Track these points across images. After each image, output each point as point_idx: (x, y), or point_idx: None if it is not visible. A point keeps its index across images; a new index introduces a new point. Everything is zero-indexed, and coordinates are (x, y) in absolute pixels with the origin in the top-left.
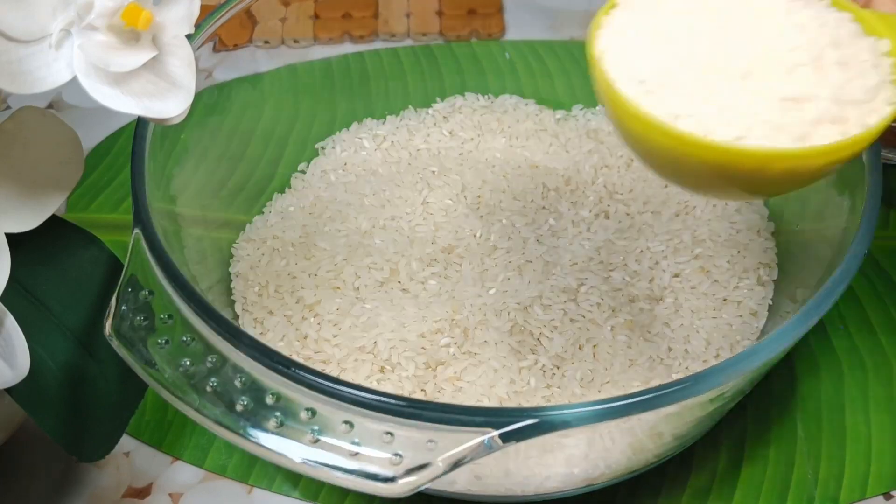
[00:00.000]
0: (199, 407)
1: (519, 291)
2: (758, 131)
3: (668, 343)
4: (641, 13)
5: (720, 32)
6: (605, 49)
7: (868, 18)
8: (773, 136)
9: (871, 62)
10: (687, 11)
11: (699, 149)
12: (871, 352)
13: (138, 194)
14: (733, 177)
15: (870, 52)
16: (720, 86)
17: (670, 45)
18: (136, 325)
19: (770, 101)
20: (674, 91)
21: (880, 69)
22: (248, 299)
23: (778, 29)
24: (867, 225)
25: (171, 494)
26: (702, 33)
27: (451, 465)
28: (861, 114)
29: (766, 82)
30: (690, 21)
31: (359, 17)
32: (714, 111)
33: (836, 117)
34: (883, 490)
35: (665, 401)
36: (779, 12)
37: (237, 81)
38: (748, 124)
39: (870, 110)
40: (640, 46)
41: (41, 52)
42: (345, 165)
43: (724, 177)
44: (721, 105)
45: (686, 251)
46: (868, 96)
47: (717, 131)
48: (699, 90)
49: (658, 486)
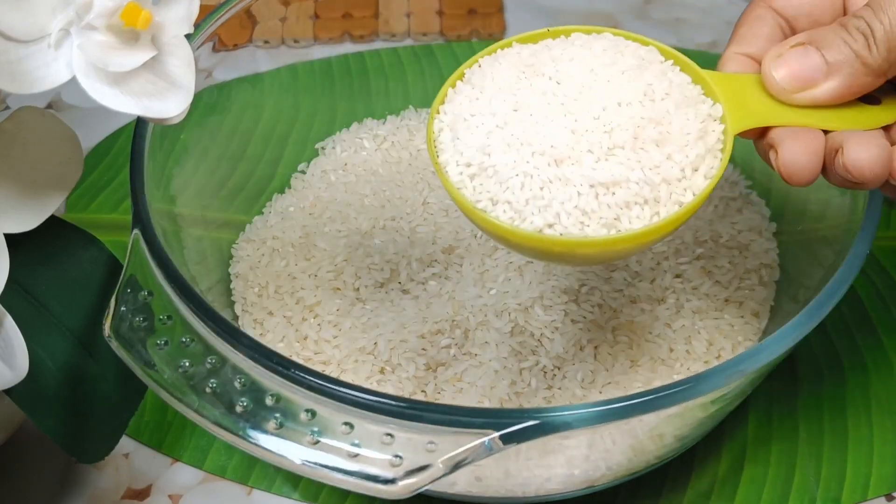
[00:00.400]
0: (198, 408)
1: (520, 292)
2: (567, 219)
3: (670, 344)
4: (476, 89)
5: (542, 112)
6: (441, 129)
7: (707, 80)
8: (582, 223)
9: (697, 133)
10: (514, 89)
11: (512, 235)
12: (872, 352)
13: (138, 194)
14: (552, 257)
15: (698, 121)
16: (535, 171)
17: (494, 126)
18: (136, 325)
19: (581, 187)
20: (493, 177)
21: (706, 139)
22: (248, 300)
23: (600, 105)
24: (869, 225)
25: (171, 496)
26: (525, 113)
27: (451, 466)
28: (676, 192)
29: (578, 168)
30: (516, 100)
31: (359, 17)
32: (528, 197)
33: (649, 198)
34: (885, 491)
35: (666, 402)
36: (602, 88)
37: (237, 81)
38: (558, 211)
39: (685, 188)
40: (468, 127)
41: (40, 52)
42: (345, 166)
43: (545, 256)
44: (534, 192)
45: (687, 252)
46: (685, 174)
47: (529, 219)
48: (515, 176)
49: (659, 488)
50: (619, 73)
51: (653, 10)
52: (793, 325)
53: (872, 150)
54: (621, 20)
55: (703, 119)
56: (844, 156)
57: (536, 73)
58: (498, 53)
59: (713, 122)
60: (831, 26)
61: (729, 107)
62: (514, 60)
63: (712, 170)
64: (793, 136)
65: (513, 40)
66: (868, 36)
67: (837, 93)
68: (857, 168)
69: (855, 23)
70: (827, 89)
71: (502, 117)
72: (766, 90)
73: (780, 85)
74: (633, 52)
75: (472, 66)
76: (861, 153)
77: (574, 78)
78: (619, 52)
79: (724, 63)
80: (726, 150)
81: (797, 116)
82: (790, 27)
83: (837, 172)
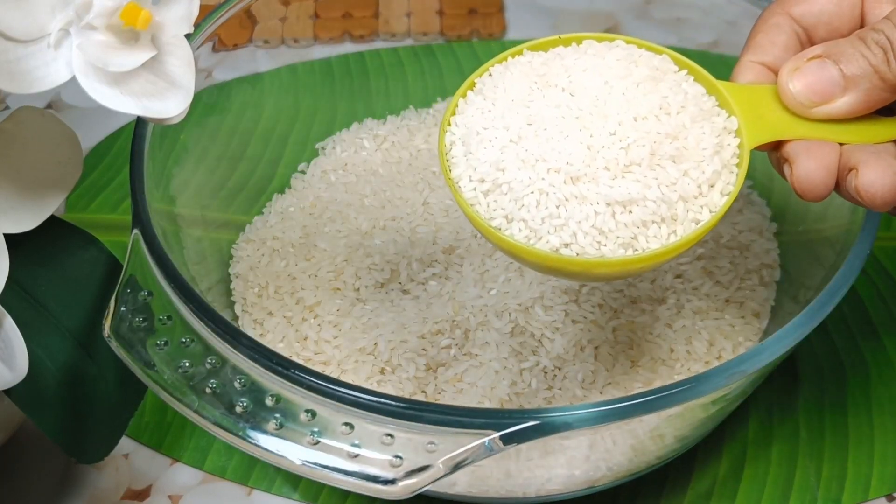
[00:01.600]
0: (198, 408)
1: (520, 292)
2: (583, 238)
3: (670, 344)
4: (488, 101)
5: (557, 127)
6: (453, 142)
7: (722, 91)
8: (599, 243)
9: (713, 149)
10: (527, 101)
11: (528, 255)
12: (873, 353)
13: (137, 195)
14: (568, 275)
15: (714, 136)
16: (551, 189)
17: (508, 141)
18: (135, 326)
19: (597, 206)
20: (507, 193)
21: (722, 154)
22: (248, 300)
23: (615, 120)
24: (869, 226)
25: (171, 496)
26: (539, 128)
27: (451, 467)
28: (693, 210)
29: (594, 185)
30: (529, 113)
31: (359, 17)
32: (544, 216)
33: (666, 217)
34: (886, 492)
35: (667, 402)
36: (616, 101)
37: (237, 81)
38: (574, 230)
39: (701, 205)
40: (481, 141)
41: (40, 52)
42: (345, 166)
43: (561, 274)
44: (550, 211)
45: (688, 252)
46: (701, 191)
47: (545, 237)
48: (530, 194)
49: (660, 488)
50: (634, 85)
51: (653, 9)
52: (794, 325)
53: (888, 179)
54: (622, 20)
55: (719, 133)
56: (858, 179)
57: (549, 84)
58: (509, 62)
59: (728, 135)
60: (849, 38)
61: (744, 119)
62: (526, 70)
63: (729, 185)
64: (807, 152)
65: (523, 47)
66: (888, 50)
67: (854, 108)
68: (869, 193)
69: (874, 36)
70: (844, 104)
71: (516, 131)
72: (782, 102)
73: (797, 99)
74: (646, 61)
75: (483, 76)
76: (875, 179)
77: (588, 90)
78: (632, 62)
79: (739, 72)
80: (742, 164)
81: (813, 130)
82: (808, 36)
83: (848, 191)
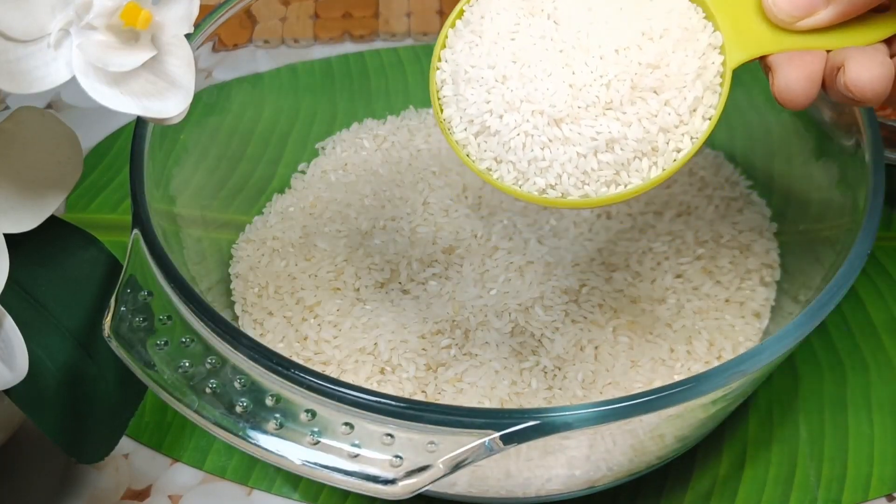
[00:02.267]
0: (198, 408)
1: (520, 292)
2: (567, 180)
3: (671, 344)
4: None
5: (540, 64)
6: (444, 80)
7: (707, 3)
8: (583, 182)
9: (695, 73)
10: (512, 33)
11: (516, 195)
12: (873, 353)
13: (137, 194)
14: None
15: (697, 58)
16: (535, 131)
17: (494, 81)
18: (135, 326)
19: (580, 147)
20: (495, 136)
21: (704, 76)
22: (248, 300)
23: (597, 54)
24: (870, 226)
25: (171, 496)
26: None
27: (451, 467)
28: (674, 139)
29: (576, 126)
30: (514, 48)
31: (359, 17)
32: (529, 158)
33: (647, 150)
34: (886, 492)
35: (667, 402)
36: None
37: (237, 81)
38: (558, 172)
39: (683, 133)
40: (469, 80)
41: (40, 52)
42: (345, 166)
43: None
44: (535, 153)
45: (688, 252)
46: (682, 119)
47: (532, 179)
48: (517, 136)
49: (660, 488)
50: (618, 9)
51: None
52: (794, 325)
53: (874, 70)
54: None
55: (703, 52)
56: (846, 75)
57: (534, 10)
58: None
59: (713, 51)
60: None
61: (728, 36)
62: None
63: (711, 108)
64: (790, 61)
65: None
66: None
67: (839, 15)
68: (858, 87)
69: None
70: (828, 13)
71: (501, 70)
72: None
73: (781, 14)
74: None
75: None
76: (863, 72)
77: (572, 19)
78: None
79: None
80: (725, 83)
81: (798, 41)
82: None
83: (838, 90)
